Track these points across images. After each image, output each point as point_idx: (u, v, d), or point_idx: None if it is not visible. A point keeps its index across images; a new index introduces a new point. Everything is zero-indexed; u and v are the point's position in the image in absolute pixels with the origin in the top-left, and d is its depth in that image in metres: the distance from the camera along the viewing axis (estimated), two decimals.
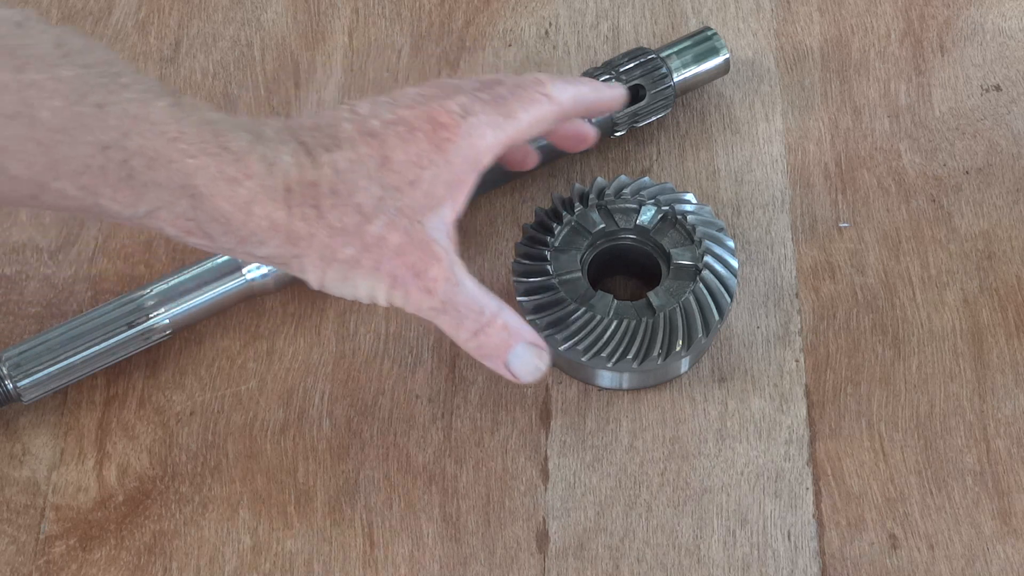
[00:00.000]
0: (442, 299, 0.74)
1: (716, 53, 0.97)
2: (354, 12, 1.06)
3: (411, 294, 0.74)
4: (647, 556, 0.82)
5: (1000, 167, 0.95)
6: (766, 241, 0.92)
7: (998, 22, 1.02)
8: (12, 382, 0.86)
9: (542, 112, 0.78)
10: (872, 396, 0.86)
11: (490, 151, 0.76)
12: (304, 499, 0.85)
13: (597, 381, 0.86)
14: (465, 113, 0.75)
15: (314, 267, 0.72)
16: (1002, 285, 0.90)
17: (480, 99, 0.76)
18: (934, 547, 0.81)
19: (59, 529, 0.85)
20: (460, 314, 0.75)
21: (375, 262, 0.73)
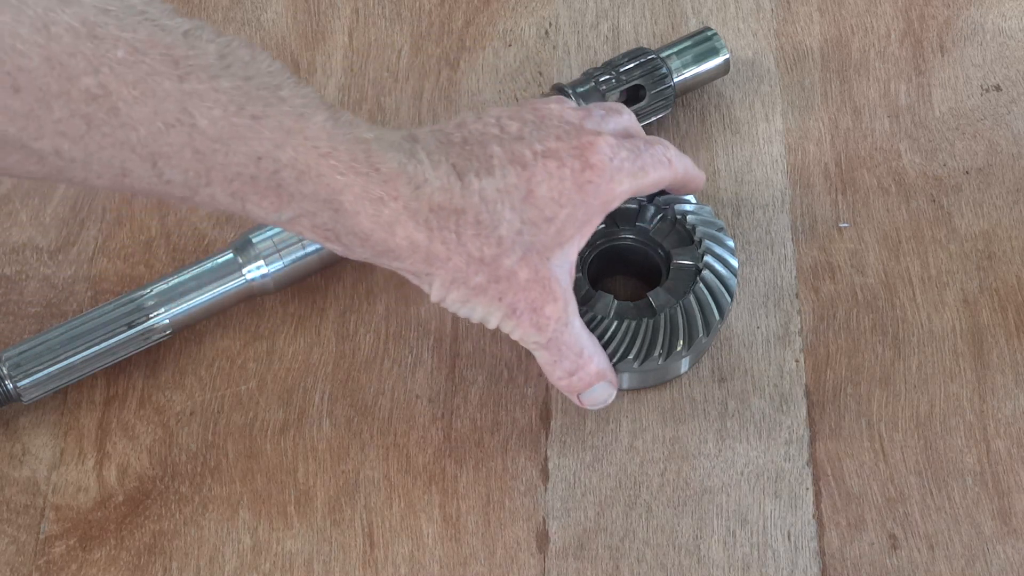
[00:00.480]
0: (550, 337, 0.77)
1: (716, 53, 0.97)
2: (354, 12, 1.06)
3: (523, 327, 0.77)
4: (647, 556, 0.82)
5: (1000, 167, 0.95)
6: (766, 241, 0.92)
7: (998, 22, 1.02)
8: (12, 382, 0.86)
9: (664, 175, 0.81)
10: (872, 396, 0.86)
11: (621, 199, 0.79)
12: (304, 499, 0.85)
13: None
14: (612, 158, 0.77)
15: (442, 286, 0.75)
16: (1002, 285, 0.90)
17: (625, 147, 0.78)
18: (934, 547, 0.81)
19: (59, 529, 0.85)
20: (561, 353, 0.79)
21: (500, 293, 0.75)
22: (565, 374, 0.80)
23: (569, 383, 0.81)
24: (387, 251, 0.72)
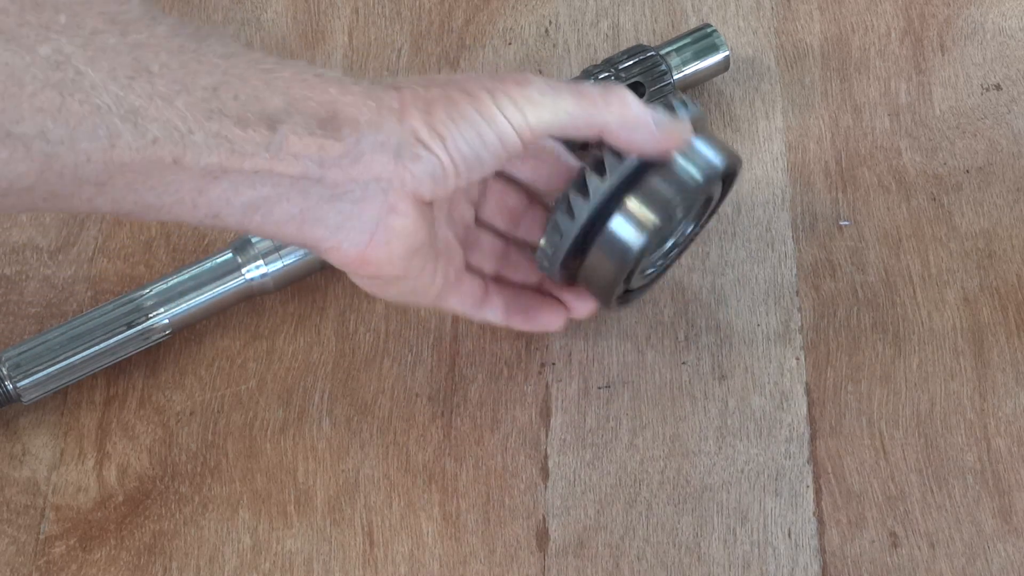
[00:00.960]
0: (545, 81, 0.74)
1: (716, 51, 0.97)
2: (354, 12, 1.06)
3: (512, 89, 0.73)
4: (647, 554, 0.82)
5: (1000, 166, 0.95)
6: (766, 239, 0.92)
7: (998, 21, 1.02)
8: (12, 382, 0.86)
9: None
10: (872, 394, 0.86)
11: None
12: (304, 498, 0.85)
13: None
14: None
15: (420, 120, 0.71)
16: (1002, 284, 0.90)
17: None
18: (935, 545, 0.81)
19: (59, 529, 0.85)
20: (580, 87, 0.75)
21: (462, 86, 0.73)
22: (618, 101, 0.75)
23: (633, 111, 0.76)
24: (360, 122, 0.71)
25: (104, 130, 0.62)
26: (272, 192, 0.68)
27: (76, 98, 0.61)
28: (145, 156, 0.64)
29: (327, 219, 0.70)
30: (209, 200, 0.67)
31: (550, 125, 0.73)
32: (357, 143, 0.69)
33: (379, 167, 0.70)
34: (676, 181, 0.76)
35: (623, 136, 0.75)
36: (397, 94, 0.72)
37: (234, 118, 0.66)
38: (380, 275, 0.75)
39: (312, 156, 0.68)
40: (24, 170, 0.61)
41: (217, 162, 0.66)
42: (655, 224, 0.76)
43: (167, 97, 0.64)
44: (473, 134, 0.72)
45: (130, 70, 0.63)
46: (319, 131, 0.68)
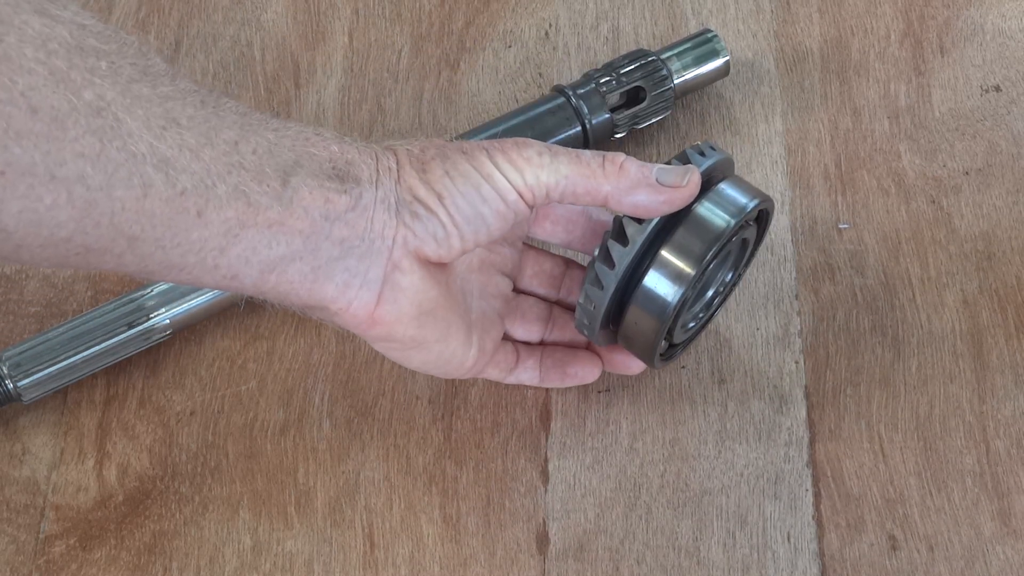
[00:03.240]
0: (543, 144, 0.75)
1: (716, 55, 0.97)
2: (354, 12, 1.06)
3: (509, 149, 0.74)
4: (647, 558, 0.82)
5: (1000, 168, 0.95)
6: (766, 242, 0.92)
7: (998, 23, 1.02)
8: (12, 382, 0.86)
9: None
10: (872, 397, 0.86)
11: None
12: (304, 499, 0.85)
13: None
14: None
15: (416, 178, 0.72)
16: (1002, 286, 0.90)
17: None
18: (934, 548, 0.81)
19: (59, 529, 0.85)
20: (577, 153, 0.75)
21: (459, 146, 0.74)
22: (609, 164, 0.75)
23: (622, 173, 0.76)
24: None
25: (138, 178, 0.62)
26: (286, 251, 0.69)
27: (115, 145, 0.61)
28: (173, 207, 0.64)
29: (335, 276, 0.71)
30: (229, 260, 0.68)
31: (549, 187, 0.74)
32: (360, 197, 0.70)
33: (380, 223, 0.71)
34: (704, 228, 0.76)
35: (626, 202, 0.75)
36: (393, 154, 0.73)
37: (252, 172, 0.67)
38: (393, 337, 0.75)
39: (320, 209, 0.69)
40: (64, 218, 0.61)
41: (235, 216, 0.66)
42: (690, 275, 0.76)
43: (195, 149, 0.65)
44: (471, 191, 0.72)
45: (162, 120, 0.64)
46: (327, 183, 0.69)
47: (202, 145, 0.65)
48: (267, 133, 0.69)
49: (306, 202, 0.68)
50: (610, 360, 0.85)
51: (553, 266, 0.86)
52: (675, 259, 0.76)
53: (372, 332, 0.74)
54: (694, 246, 0.76)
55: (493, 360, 0.83)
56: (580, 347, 0.86)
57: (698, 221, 0.76)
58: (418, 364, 0.79)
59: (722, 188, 0.78)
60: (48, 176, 0.60)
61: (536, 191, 0.73)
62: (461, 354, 0.78)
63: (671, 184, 0.75)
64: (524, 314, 0.85)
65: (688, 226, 0.76)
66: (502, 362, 0.84)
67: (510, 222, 0.74)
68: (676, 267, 0.76)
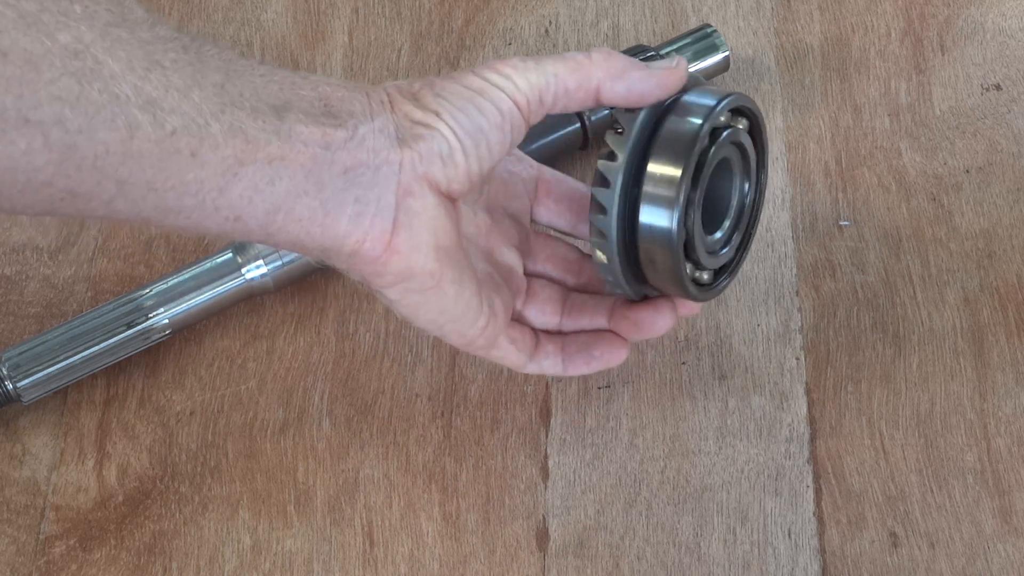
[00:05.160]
0: (526, 56, 0.74)
1: (716, 51, 0.97)
2: (354, 12, 1.06)
3: (494, 63, 0.73)
4: (647, 554, 0.82)
5: (1000, 166, 0.95)
6: (766, 239, 0.92)
7: (998, 21, 1.02)
8: (12, 382, 0.86)
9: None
10: (873, 394, 0.86)
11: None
12: (304, 498, 0.85)
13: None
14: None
15: (410, 105, 0.71)
16: (1003, 284, 0.90)
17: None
18: (935, 545, 0.81)
19: (59, 529, 0.85)
20: (562, 54, 0.74)
21: (445, 74, 0.73)
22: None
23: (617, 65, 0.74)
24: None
25: (123, 119, 0.61)
26: (290, 186, 0.67)
27: (95, 87, 0.60)
28: (164, 148, 0.63)
29: (346, 208, 0.69)
30: (230, 201, 0.66)
31: (540, 88, 0.72)
32: (356, 128, 0.69)
33: (384, 151, 0.69)
34: (679, 136, 0.74)
35: (618, 88, 0.74)
36: (383, 90, 0.72)
37: (246, 109, 0.66)
38: (412, 272, 0.72)
39: (319, 141, 0.67)
40: (42, 162, 0.60)
41: (233, 154, 0.65)
42: (675, 190, 0.73)
43: (182, 90, 0.63)
44: (466, 104, 0.71)
45: (145, 63, 0.63)
46: (322, 119, 0.68)
47: (189, 87, 0.64)
48: (253, 77, 0.67)
49: (304, 136, 0.67)
50: (638, 324, 0.82)
51: (568, 251, 0.85)
52: (658, 187, 0.74)
53: (391, 265, 0.71)
54: (671, 164, 0.74)
55: (508, 334, 0.80)
56: (602, 331, 0.84)
57: (668, 137, 0.74)
58: (432, 315, 0.75)
59: (687, 97, 0.76)
60: (21, 120, 0.59)
61: (530, 96, 0.72)
62: (475, 307, 0.76)
63: (663, 68, 0.74)
64: (537, 295, 0.83)
65: (659, 148, 0.74)
66: (519, 340, 0.81)
67: (508, 135, 0.72)
68: (662, 191, 0.74)
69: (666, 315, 0.81)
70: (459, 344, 0.78)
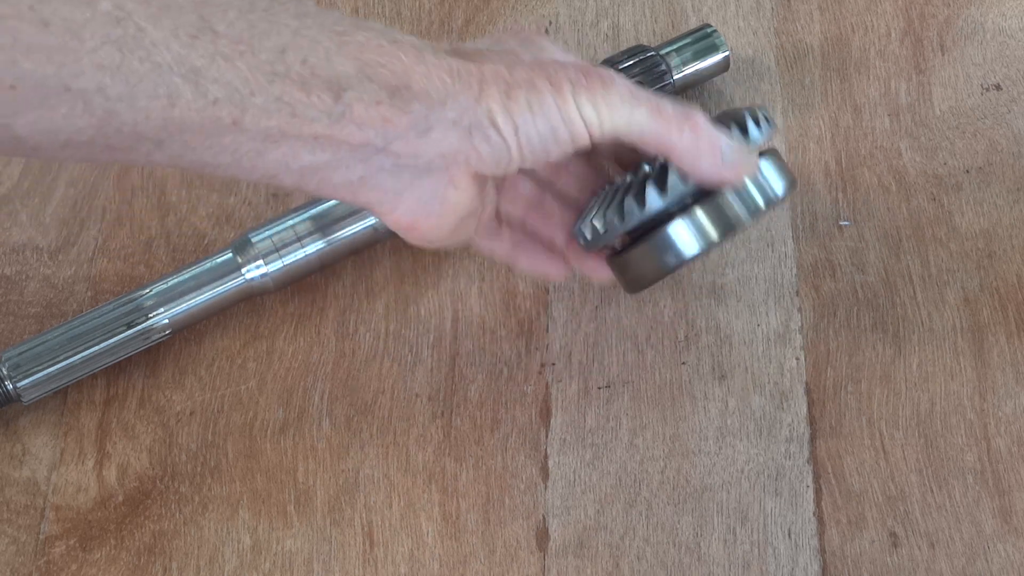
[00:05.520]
0: (628, 87, 0.72)
1: (716, 50, 0.97)
2: (354, 12, 1.06)
3: (595, 89, 0.71)
4: (647, 554, 0.82)
5: (1000, 166, 0.95)
6: (766, 239, 0.92)
7: (998, 21, 1.02)
8: (12, 382, 0.86)
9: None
10: (872, 394, 0.86)
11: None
12: (304, 498, 0.85)
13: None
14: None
15: (498, 103, 0.69)
16: (1003, 284, 0.90)
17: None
18: (935, 545, 0.81)
19: (59, 529, 0.85)
20: (659, 103, 0.73)
21: (548, 75, 0.70)
22: (682, 120, 0.73)
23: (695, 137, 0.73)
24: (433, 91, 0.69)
25: (164, 89, 0.62)
26: (332, 158, 0.67)
27: (136, 55, 0.61)
28: (205, 116, 0.63)
29: (386, 186, 0.69)
30: (266, 163, 0.67)
31: (621, 132, 0.71)
32: (426, 117, 0.67)
33: (447, 144, 0.68)
34: (745, 204, 0.75)
35: (687, 162, 0.73)
36: (477, 69, 0.70)
37: (298, 83, 0.65)
38: (428, 240, 0.73)
39: (376, 128, 0.67)
40: (83, 125, 0.61)
41: (276, 126, 0.65)
42: (713, 240, 0.74)
43: (229, 57, 0.63)
44: (547, 127, 0.70)
45: (193, 28, 0.62)
46: (387, 100, 0.67)
47: (240, 53, 0.63)
48: (325, 40, 0.66)
49: (360, 119, 0.66)
50: (580, 262, 0.82)
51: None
52: (709, 221, 0.74)
53: (410, 235, 0.73)
54: (730, 218, 0.75)
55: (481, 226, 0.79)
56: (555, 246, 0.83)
57: (743, 196, 0.75)
58: (424, 243, 0.75)
59: (764, 166, 0.76)
60: (62, 88, 0.60)
61: (605, 131, 0.71)
62: (468, 234, 0.76)
63: (733, 164, 0.74)
64: (514, 186, 0.81)
65: (733, 196, 0.75)
66: (485, 227, 0.80)
67: (570, 154, 0.72)
68: (707, 228, 0.75)
69: (606, 271, 0.81)
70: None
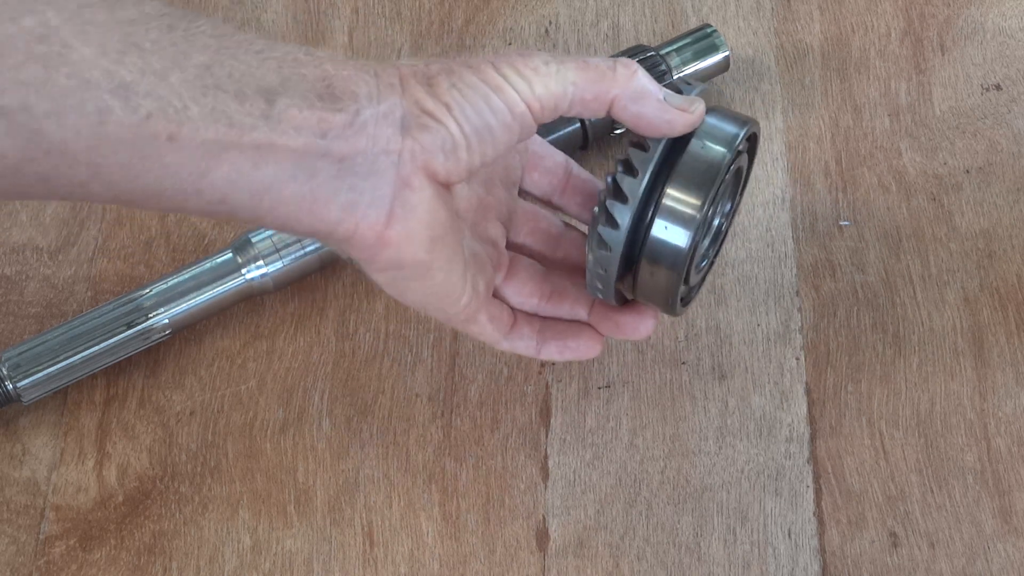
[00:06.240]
0: (548, 53, 0.72)
1: (716, 50, 0.97)
2: (354, 12, 1.06)
3: (514, 59, 0.70)
4: (647, 554, 0.82)
5: (1000, 166, 0.95)
6: (767, 239, 0.92)
7: (998, 21, 1.02)
8: (12, 382, 0.86)
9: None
10: (872, 394, 0.86)
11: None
12: (304, 498, 0.85)
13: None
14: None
15: (423, 91, 0.69)
16: (1002, 284, 0.90)
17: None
18: (935, 545, 0.81)
19: (59, 529, 0.85)
20: (584, 58, 0.72)
21: (463, 61, 0.70)
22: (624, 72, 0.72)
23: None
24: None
25: (93, 104, 0.60)
26: (277, 171, 0.65)
27: (63, 72, 0.59)
28: (138, 133, 0.61)
29: (339, 196, 0.67)
30: (213, 183, 0.64)
31: (557, 96, 0.71)
32: (358, 114, 0.66)
33: (385, 139, 0.67)
34: (705, 162, 0.73)
35: (632, 108, 0.72)
36: (395, 69, 0.69)
37: (231, 93, 0.63)
38: (402, 262, 0.70)
39: (313, 128, 0.65)
40: (6, 147, 0.59)
41: (215, 138, 0.63)
42: (697, 217, 0.72)
43: (160, 73, 0.62)
44: (480, 101, 0.69)
45: (120, 45, 0.61)
46: (319, 103, 0.66)
47: (168, 69, 0.62)
48: (247, 56, 0.65)
49: (296, 121, 0.65)
50: (619, 326, 0.81)
51: (551, 224, 0.82)
52: (679, 205, 0.73)
53: (382, 256, 0.69)
54: (695, 190, 0.73)
55: (488, 311, 0.78)
56: (581, 323, 0.82)
57: (698, 156, 0.73)
58: (417, 297, 0.73)
59: (711, 120, 0.74)
60: None
61: (545, 102, 0.70)
62: (460, 287, 0.74)
63: (677, 106, 0.73)
64: (518, 274, 0.80)
65: (683, 171, 0.73)
66: (498, 318, 0.79)
67: (516, 135, 0.71)
68: (682, 212, 0.73)
69: (648, 322, 0.80)
70: (439, 319, 0.77)
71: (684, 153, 0.73)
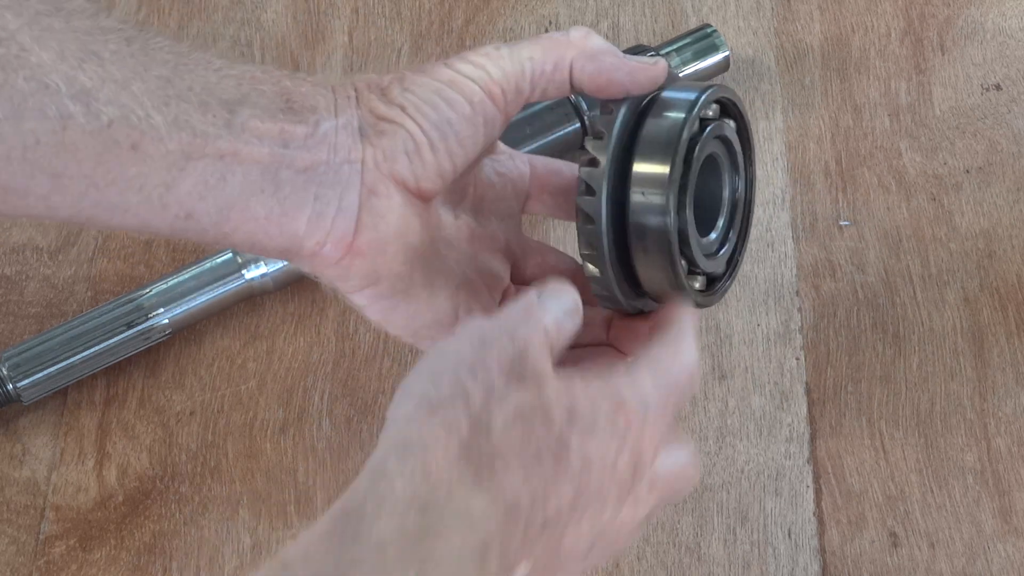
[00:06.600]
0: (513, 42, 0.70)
1: (716, 50, 0.97)
2: (354, 12, 1.06)
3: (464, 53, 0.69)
4: (647, 554, 0.82)
5: (1000, 166, 0.95)
6: (767, 239, 0.92)
7: (998, 21, 1.02)
8: (12, 382, 0.86)
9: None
10: (872, 394, 0.86)
11: None
12: (304, 499, 0.85)
13: None
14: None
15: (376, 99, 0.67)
16: (1002, 284, 0.90)
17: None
18: (935, 545, 0.81)
19: (59, 529, 0.85)
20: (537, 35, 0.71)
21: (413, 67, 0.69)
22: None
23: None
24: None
25: (53, 110, 0.59)
26: (244, 182, 0.64)
27: (21, 75, 0.58)
28: (101, 140, 0.60)
29: (305, 208, 0.66)
30: (179, 197, 0.63)
31: (515, 76, 0.69)
32: (318, 125, 0.65)
33: (346, 149, 0.66)
34: (663, 126, 0.70)
35: (589, 67, 0.69)
36: (351, 84, 0.68)
37: (194, 103, 0.63)
38: (377, 274, 0.68)
39: (275, 139, 0.64)
40: None
41: (179, 148, 0.62)
42: (667, 176, 0.69)
43: (121, 82, 0.61)
44: (434, 97, 0.67)
45: (79, 53, 0.60)
46: (280, 115, 0.65)
47: (129, 78, 0.61)
48: (206, 72, 0.64)
49: (259, 131, 0.64)
50: (639, 335, 0.75)
51: (559, 260, 0.79)
52: (647, 187, 0.69)
53: (354, 268, 0.68)
54: (658, 162, 0.69)
55: None
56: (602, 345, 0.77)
57: (652, 134, 0.70)
58: (403, 323, 0.71)
59: (666, 94, 0.72)
60: None
61: (504, 85, 0.68)
62: (449, 313, 0.71)
63: (639, 61, 0.70)
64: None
65: (644, 147, 0.70)
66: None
67: (480, 128, 0.68)
68: (652, 193, 0.69)
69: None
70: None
71: (643, 128, 0.71)
